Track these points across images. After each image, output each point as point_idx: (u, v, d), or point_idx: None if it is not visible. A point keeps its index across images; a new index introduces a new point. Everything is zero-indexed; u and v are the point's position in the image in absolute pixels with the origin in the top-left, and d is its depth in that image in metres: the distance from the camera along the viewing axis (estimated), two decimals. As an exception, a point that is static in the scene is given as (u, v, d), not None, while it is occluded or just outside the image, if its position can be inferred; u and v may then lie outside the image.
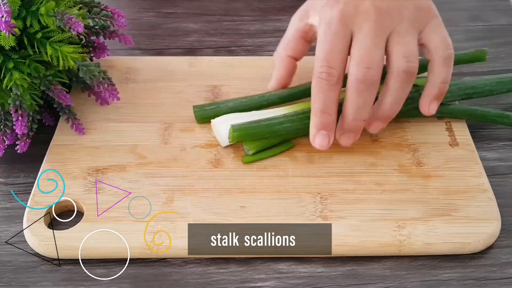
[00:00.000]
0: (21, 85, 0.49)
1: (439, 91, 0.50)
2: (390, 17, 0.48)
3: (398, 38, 0.48)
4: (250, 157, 0.51)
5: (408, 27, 0.48)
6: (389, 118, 0.51)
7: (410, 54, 0.48)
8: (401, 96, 0.49)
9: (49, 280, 0.44)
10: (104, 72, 0.53)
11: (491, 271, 0.45)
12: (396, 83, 0.48)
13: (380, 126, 0.51)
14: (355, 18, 0.47)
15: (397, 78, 0.48)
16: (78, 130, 0.53)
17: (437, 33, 0.50)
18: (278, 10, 0.73)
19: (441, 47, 0.50)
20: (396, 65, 0.48)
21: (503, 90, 0.56)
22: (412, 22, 0.49)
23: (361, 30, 0.47)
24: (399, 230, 0.46)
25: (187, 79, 0.60)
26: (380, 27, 0.47)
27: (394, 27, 0.48)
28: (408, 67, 0.47)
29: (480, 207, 0.48)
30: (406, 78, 0.48)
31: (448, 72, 0.50)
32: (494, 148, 0.55)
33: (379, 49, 0.47)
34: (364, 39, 0.47)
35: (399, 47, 0.48)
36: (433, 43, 0.50)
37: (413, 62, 0.48)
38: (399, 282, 0.44)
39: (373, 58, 0.47)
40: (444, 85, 0.50)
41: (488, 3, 0.75)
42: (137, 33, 0.68)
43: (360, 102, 0.48)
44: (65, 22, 0.48)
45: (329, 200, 0.48)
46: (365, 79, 0.46)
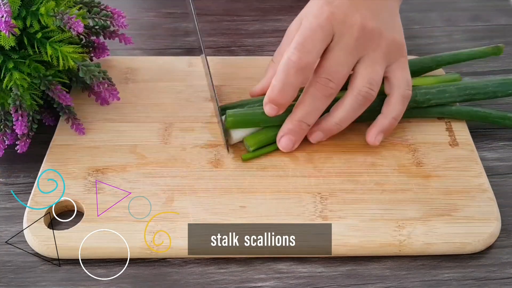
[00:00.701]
0: (21, 85, 0.49)
1: (389, 125, 0.52)
2: (369, 40, 0.49)
3: (369, 63, 0.50)
4: (250, 154, 0.51)
5: (380, 57, 0.50)
6: (331, 133, 0.52)
7: (374, 82, 0.50)
8: (351, 115, 0.51)
9: (49, 280, 0.44)
10: (104, 72, 0.53)
11: (491, 271, 0.45)
12: (352, 103, 0.50)
13: (320, 137, 0.52)
14: (341, 25, 0.48)
15: (355, 98, 0.50)
16: (78, 130, 0.53)
17: (402, 72, 0.52)
18: (278, 10, 0.73)
19: (403, 86, 0.51)
20: (358, 87, 0.49)
21: (508, 92, 0.56)
22: (386, 53, 0.50)
23: (340, 40, 0.49)
24: (399, 230, 0.46)
25: (187, 79, 0.60)
26: (358, 46, 0.49)
27: (368, 51, 0.50)
28: (367, 92, 0.49)
29: (480, 207, 0.48)
30: (362, 102, 0.50)
31: (401, 110, 0.52)
32: (494, 148, 0.55)
33: (348, 67, 0.49)
34: (338, 52, 0.49)
35: (367, 71, 0.49)
36: (397, 79, 0.51)
37: (373, 91, 0.50)
38: (399, 282, 0.44)
39: (338, 73, 0.49)
40: (394, 121, 0.52)
41: (488, 3, 0.75)
42: (137, 33, 0.68)
43: (311, 108, 0.50)
44: (65, 22, 0.48)
45: (329, 200, 0.48)
46: (324, 89, 0.49)
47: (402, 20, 0.54)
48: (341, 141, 0.53)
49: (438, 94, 0.54)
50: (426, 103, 0.54)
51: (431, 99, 0.54)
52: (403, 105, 0.52)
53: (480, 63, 0.62)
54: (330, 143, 0.53)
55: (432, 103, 0.55)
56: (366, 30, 0.49)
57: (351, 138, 0.54)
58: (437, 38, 0.69)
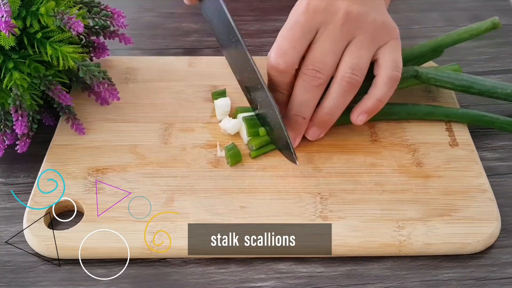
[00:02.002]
0: (21, 85, 0.49)
1: (373, 106, 0.51)
2: (355, 25, 0.49)
3: (354, 48, 0.49)
4: (257, 151, 0.52)
5: (368, 40, 0.49)
6: (326, 125, 0.52)
7: (357, 67, 0.49)
8: (339, 102, 0.50)
9: (49, 280, 0.44)
10: (104, 72, 0.53)
11: (491, 271, 0.45)
12: (337, 90, 0.49)
13: (317, 132, 0.52)
14: (323, 14, 0.48)
15: (339, 85, 0.49)
16: (78, 130, 0.53)
17: (391, 54, 0.51)
18: (278, 10, 0.73)
19: (391, 67, 0.50)
20: (341, 74, 0.49)
21: (508, 90, 0.55)
22: (374, 37, 0.50)
23: (324, 29, 0.48)
24: (399, 230, 0.46)
25: (187, 79, 0.60)
26: (343, 33, 0.49)
27: (355, 36, 0.49)
28: (350, 77, 0.49)
29: (480, 207, 0.48)
30: (347, 88, 0.49)
31: (387, 92, 0.51)
32: (494, 148, 0.55)
33: (335, 55, 0.49)
34: (323, 42, 0.48)
35: (350, 58, 0.49)
36: (384, 61, 0.50)
37: (356, 76, 0.49)
38: (399, 282, 0.44)
39: (326, 63, 0.48)
40: (379, 103, 0.51)
41: (488, 3, 0.75)
42: (137, 33, 0.68)
43: (303, 99, 0.50)
44: (65, 22, 0.48)
45: (329, 200, 0.48)
46: (312, 80, 0.49)
47: (402, 20, 0.54)
48: (341, 141, 0.53)
49: (435, 71, 0.54)
50: (424, 76, 0.54)
51: (429, 73, 0.54)
52: (389, 87, 0.50)
53: (480, 63, 0.62)
54: (330, 143, 0.53)
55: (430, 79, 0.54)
56: (351, 15, 0.48)
57: (351, 138, 0.54)
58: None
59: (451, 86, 0.55)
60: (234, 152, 0.51)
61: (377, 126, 0.55)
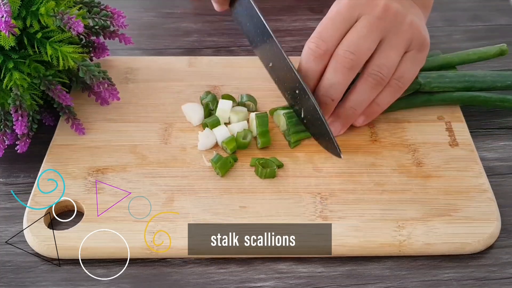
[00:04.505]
0: (21, 85, 0.49)
1: (372, 109, 0.52)
2: (392, 21, 0.50)
3: (386, 47, 0.50)
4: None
5: (399, 43, 0.50)
6: (348, 119, 0.52)
7: (385, 67, 0.50)
8: (364, 98, 0.51)
9: (49, 280, 0.44)
10: (104, 72, 0.53)
11: (491, 271, 0.45)
12: (363, 86, 0.50)
13: (338, 128, 0.53)
14: (364, 6, 0.49)
15: (365, 81, 0.50)
16: (78, 130, 0.53)
17: (409, 64, 0.51)
18: (278, 10, 0.73)
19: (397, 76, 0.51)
20: (368, 71, 0.50)
21: (507, 82, 0.56)
22: (407, 40, 0.50)
23: (363, 18, 0.49)
24: (399, 230, 0.46)
25: (187, 79, 0.60)
26: (380, 25, 0.49)
27: (389, 34, 0.50)
28: (377, 75, 0.50)
29: (480, 207, 0.48)
30: (373, 85, 0.50)
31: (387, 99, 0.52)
32: (494, 148, 0.55)
33: (369, 42, 0.49)
34: (361, 28, 0.49)
35: (379, 57, 0.50)
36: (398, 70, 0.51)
37: (383, 75, 0.50)
38: (399, 282, 0.44)
39: (361, 46, 0.49)
40: (378, 107, 0.52)
41: (488, 3, 0.75)
42: (137, 33, 0.68)
43: (333, 81, 0.50)
44: (65, 22, 0.48)
45: (329, 200, 0.48)
46: (345, 61, 0.49)
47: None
48: (341, 141, 0.53)
49: (438, 78, 0.55)
50: (428, 86, 0.55)
51: (432, 83, 0.55)
52: (388, 93, 0.52)
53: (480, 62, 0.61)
54: (330, 143, 0.53)
55: (434, 88, 0.55)
56: (390, 11, 0.49)
57: (351, 138, 0.54)
58: (437, 38, 0.69)
59: (454, 89, 0.56)
60: (222, 162, 0.50)
61: (377, 126, 0.55)
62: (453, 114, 0.56)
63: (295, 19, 0.71)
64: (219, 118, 0.54)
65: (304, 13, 0.73)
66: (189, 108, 0.55)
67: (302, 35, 0.68)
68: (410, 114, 0.56)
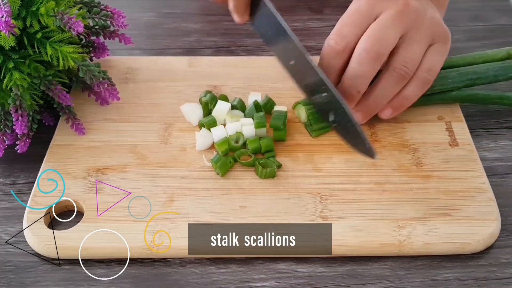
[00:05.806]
0: (21, 85, 0.49)
1: (399, 102, 0.52)
2: (413, 17, 0.50)
3: (410, 41, 0.50)
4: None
5: (421, 37, 0.50)
6: (370, 112, 0.52)
7: (410, 61, 0.50)
8: (387, 92, 0.51)
9: (49, 280, 0.44)
10: (104, 72, 0.53)
11: (491, 271, 0.45)
12: (388, 79, 0.50)
13: (360, 117, 0.53)
14: (383, 3, 0.50)
15: (390, 75, 0.50)
16: (78, 130, 0.53)
17: (434, 56, 0.52)
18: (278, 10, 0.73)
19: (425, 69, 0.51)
20: (393, 64, 0.50)
21: (509, 75, 0.56)
22: (429, 34, 0.51)
23: (384, 14, 0.49)
24: (399, 230, 0.46)
25: (187, 79, 0.60)
26: (401, 19, 0.49)
27: (411, 29, 0.50)
28: (402, 70, 0.50)
29: (480, 207, 0.48)
30: (397, 79, 0.50)
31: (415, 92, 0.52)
32: (494, 148, 0.55)
33: (395, 32, 0.49)
34: (385, 20, 0.49)
35: (404, 50, 0.50)
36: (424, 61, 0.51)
37: (408, 69, 0.50)
38: (399, 282, 0.44)
39: (386, 35, 0.49)
40: (405, 100, 0.52)
41: (488, 3, 0.75)
42: (137, 33, 0.68)
43: (359, 72, 0.49)
44: (65, 22, 0.48)
45: (329, 200, 0.48)
46: (371, 50, 0.49)
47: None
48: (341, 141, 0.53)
49: (440, 80, 0.55)
50: (430, 89, 0.54)
51: (434, 86, 0.54)
52: (417, 87, 0.52)
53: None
54: (330, 143, 0.53)
55: (435, 90, 0.55)
56: (410, 7, 0.50)
57: (351, 138, 0.54)
58: (437, 38, 0.69)
59: (456, 89, 0.56)
60: (222, 163, 0.50)
61: (377, 126, 0.55)
62: (453, 114, 0.56)
63: (295, 19, 0.71)
64: (216, 118, 0.53)
65: (304, 13, 0.73)
66: (188, 108, 0.55)
67: (302, 35, 0.68)
68: (410, 114, 0.56)
